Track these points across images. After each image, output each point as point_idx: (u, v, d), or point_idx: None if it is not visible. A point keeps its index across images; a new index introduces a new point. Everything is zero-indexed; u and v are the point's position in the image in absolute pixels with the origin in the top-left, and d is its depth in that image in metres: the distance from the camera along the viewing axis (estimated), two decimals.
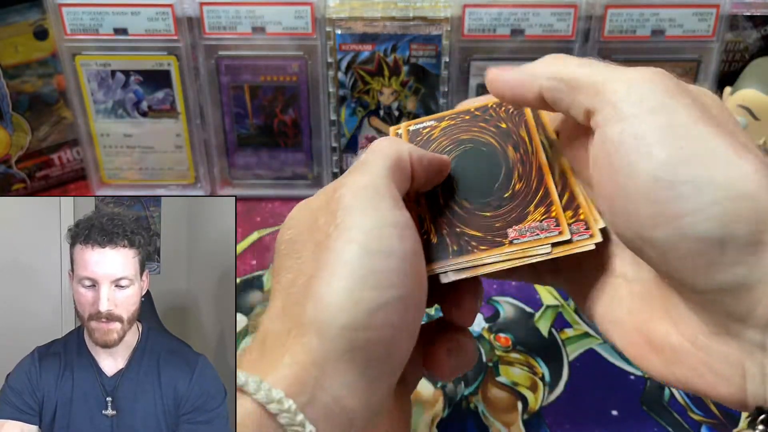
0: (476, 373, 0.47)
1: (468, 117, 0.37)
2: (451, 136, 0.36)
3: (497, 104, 0.37)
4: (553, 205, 0.32)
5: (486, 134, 0.36)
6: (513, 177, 0.34)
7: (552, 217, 0.31)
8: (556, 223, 0.31)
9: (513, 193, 0.33)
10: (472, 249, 0.31)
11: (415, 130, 0.38)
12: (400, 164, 0.30)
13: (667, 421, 0.44)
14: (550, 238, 0.31)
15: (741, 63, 0.62)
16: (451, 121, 0.37)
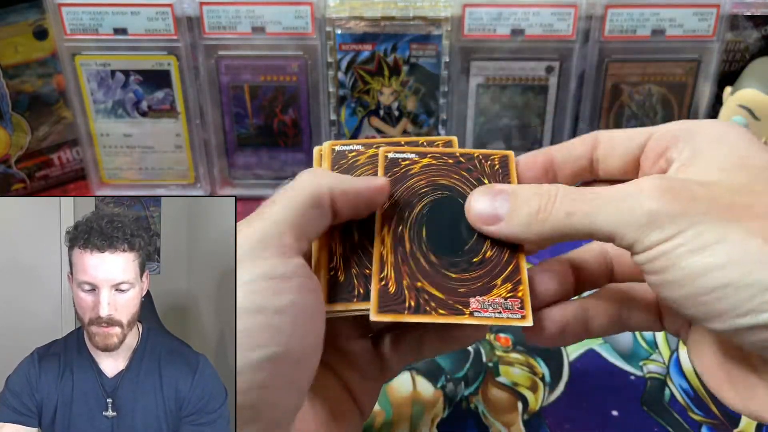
0: (476, 373, 0.47)
1: (451, 161, 0.35)
2: (430, 177, 0.34)
3: (484, 156, 0.35)
4: (521, 284, 0.31)
5: (467, 186, 0.34)
6: (486, 242, 0.32)
7: (518, 297, 0.30)
8: (521, 305, 0.30)
9: (483, 259, 0.32)
10: (431, 311, 0.30)
11: (393, 160, 0.35)
12: (315, 203, 0.29)
13: (667, 421, 0.44)
14: (513, 320, 0.30)
15: (741, 63, 0.62)
16: (432, 160, 0.35)
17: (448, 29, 0.58)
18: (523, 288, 0.31)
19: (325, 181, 0.30)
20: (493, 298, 0.30)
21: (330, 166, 0.36)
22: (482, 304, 0.30)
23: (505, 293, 0.30)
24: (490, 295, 0.30)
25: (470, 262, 0.31)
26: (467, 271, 0.31)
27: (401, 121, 0.62)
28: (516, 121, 0.62)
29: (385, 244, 0.32)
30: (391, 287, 0.31)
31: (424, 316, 0.30)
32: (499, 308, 0.30)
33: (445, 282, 0.31)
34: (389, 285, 0.31)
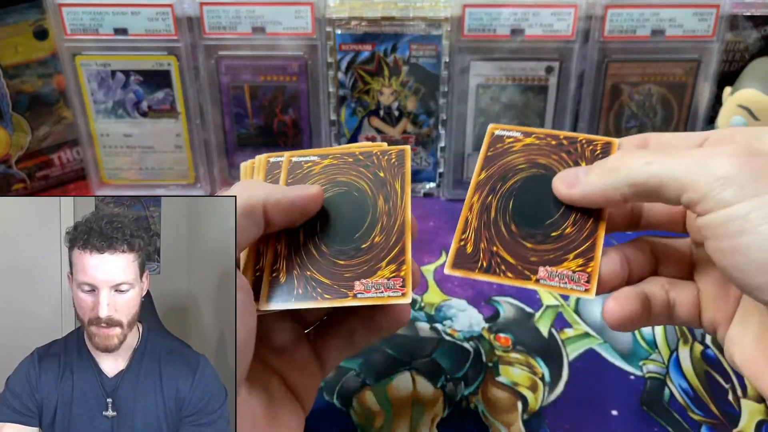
0: (476, 373, 0.47)
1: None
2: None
3: (587, 141, 0.36)
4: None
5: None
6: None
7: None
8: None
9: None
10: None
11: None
12: (245, 212, 0.31)
13: (667, 421, 0.44)
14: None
15: (741, 63, 0.62)
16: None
17: (448, 29, 0.58)
18: (594, 264, 0.32)
19: (258, 192, 0.32)
20: (562, 270, 0.32)
21: (285, 176, 0.37)
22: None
23: (575, 267, 0.32)
24: (560, 266, 0.32)
25: (548, 236, 0.33)
26: (544, 243, 0.33)
27: (401, 121, 0.62)
28: (516, 121, 0.62)
29: (472, 210, 0.34)
30: (468, 247, 0.33)
31: (492, 276, 0.32)
32: (565, 279, 0.32)
33: (520, 250, 0.33)
34: (467, 245, 0.33)
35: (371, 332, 0.36)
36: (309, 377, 0.36)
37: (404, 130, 0.62)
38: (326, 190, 0.36)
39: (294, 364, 0.36)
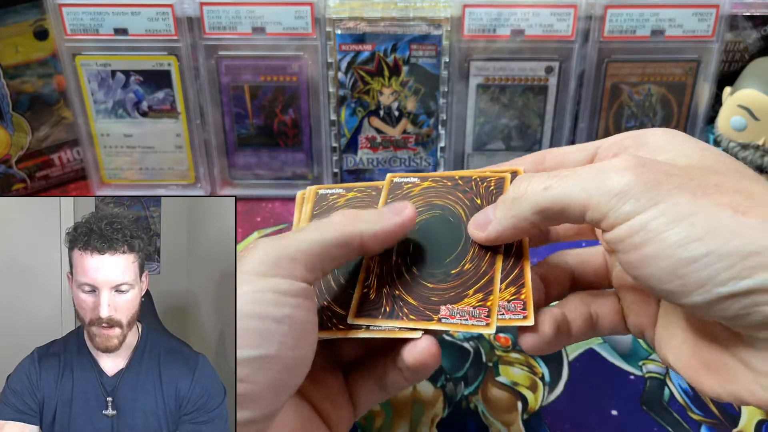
0: (476, 372, 0.47)
1: (450, 183, 0.37)
2: (427, 197, 0.37)
3: (481, 179, 0.37)
4: (491, 294, 0.32)
5: (458, 205, 0.36)
6: (467, 255, 0.34)
7: (486, 306, 0.32)
8: (487, 314, 0.32)
9: (460, 271, 0.33)
10: (402, 316, 0.32)
11: (398, 183, 0.38)
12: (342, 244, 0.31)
13: (666, 421, 0.44)
14: (476, 327, 0.31)
15: (741, 63, 0.62)
16: (433, 183, 0.37)
17: (448, 29, 0.58)
18: (493, 298, 0.32)
19: (359, 225, 0.32)
20: (463, 307, 0.32)
21: (386, 195, 0.38)
22: (451, 311, 0.32)
23: (474, 302, 0.32)
24: (461, 303, 0.32)
25: (448, 274, 0.33)
26: (444, 281, 0.33)
27: (401, 122, 0.62)
28: (516, 121, 0.62)
29: (373, 258, 0.35)
30: (372, 294, 0.33)
31: (395, 320, 0.32)
32: (466, 315, 0.32)
33: (422, 291, 0.33)
34: (370, 292, 0.34)
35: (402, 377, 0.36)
36: (342, 413, 0.36)
37: (404, 130, 0.62)
38: (422, 213, 0.36)
39: (328, 396, 0.36)
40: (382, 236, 0.33)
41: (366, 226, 0.32)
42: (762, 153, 0.56)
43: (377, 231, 0.32)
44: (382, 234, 0.33)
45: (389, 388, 0.36)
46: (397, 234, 0.33)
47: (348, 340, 0.33)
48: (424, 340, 0.32)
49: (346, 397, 0.36)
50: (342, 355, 0.38)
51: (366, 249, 0.33)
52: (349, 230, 0.32)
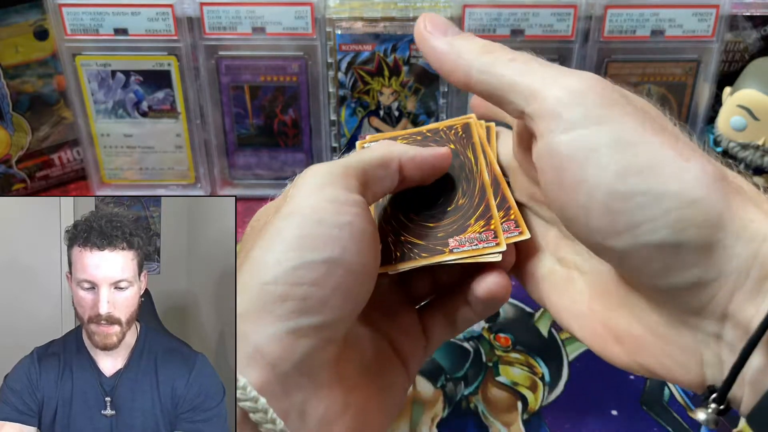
0: (476, 372, 0.47)
1: (420, 138, 0.39)
2: None
3: (447, 127, 0.38)
4: (492, 219, 0.34)
5: None
6: (457, 193, 0.36)
7: (491, 229, 0.33)
8: (494, 235, 0.33)
9: (456, 207, 0.35)
10: (414, 256, 0.34)
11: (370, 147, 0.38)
12: (383, 164, 0.32)
13: (666, 421, 0.44)
14: (488, 248, 0.33)
15: (741, 63, 0.62)
16: (403, 141, 0.38)
17: None
18: (495, 222, 0.34)
19: (396, 149, 0.33)
20: (469, 235, 0.34)
21: None
22: (459, 241, 0.34)
23: (479, 229, 0.34)
24: (466, 233, 0.34)
25: (445, 212, 0.35)
26: (443, 219, 0.35)
27: (401, 122, 0.62)
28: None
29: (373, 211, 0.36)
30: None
31: (410, 262, 0.33)
32: (475, 241, 0.33)
33: (426, 231, 0.35)
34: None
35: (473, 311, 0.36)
36: (414, 347, 0.36)
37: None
38: None
39: (401, 330, 0.36)
40: (419, 161, 0.34)
41: (403, 150, 0.34)
42: (762, 153, 0.56)
43: (414, 155, 0.34)
44: (419, 159, 0.34)
45: (459, 324, 0.36)
46: (433, 164, 0.35)
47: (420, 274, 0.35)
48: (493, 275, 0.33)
49: (419, 333, 0.36)
50: (415, 292, 0.38)
51: (404, 172, 0.33)
52: (387, 153, 0.33)
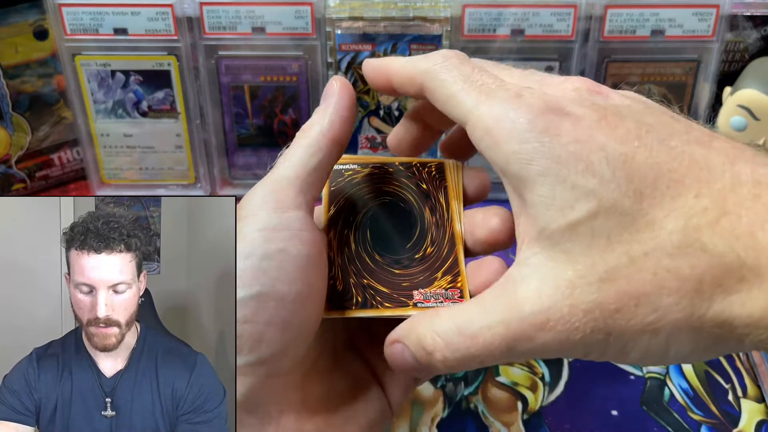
0: (476, 373, 0.47)
1: (392, 170, 0.37)
2: (374, 185, 0.37)
3: (421, 164, 0.37)
4: (459, 276, 0.33)
5: (406, 191, 0.36)
6: (426, 240, 0.34)
7: (457, 287, 0.33)
8: (460, 294, 0.32)
9: (424, 255, 0.34)
10: (377, 305, 0.32)
11: (338, 171, 0.37)
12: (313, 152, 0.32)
13: (666, 421, 0.44)
14: None
15: (741, 63, 0.62)
16: (375, 170, 0.37)
17: (448, 29, 0.58)
18: (462, 279, 0.33)
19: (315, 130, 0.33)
20: (435, 290, 0.32)
21: (328, 182, 0.37)
22: (425, 295, 0.32)
23: (445, 284, 0.33)
24: (432, 287, 0.33)
25: (412, 259, 0.34)
26: (410, 267, 0.33)
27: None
28: None
29: (332, 246, 0.34)
30: (338, 285, 0.33)
31: (370, 310, 0.32)
32: (440, 298, 0.32)
33: (391, 277, 0.33)
34: (337, 283, 0.33)
35: None
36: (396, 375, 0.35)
37: None
38: (372, 200, 0.36)
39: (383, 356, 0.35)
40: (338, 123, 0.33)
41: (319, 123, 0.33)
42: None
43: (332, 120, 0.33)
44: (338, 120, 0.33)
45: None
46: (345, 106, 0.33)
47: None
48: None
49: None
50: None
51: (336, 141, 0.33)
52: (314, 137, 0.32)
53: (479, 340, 0.27)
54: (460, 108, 0.29)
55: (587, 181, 0.25)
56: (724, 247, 0.24)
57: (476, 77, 0.29)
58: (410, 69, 0.32)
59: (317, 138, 0.32)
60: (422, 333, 0.29)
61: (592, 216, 0.25)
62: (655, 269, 0.24)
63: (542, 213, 0.26)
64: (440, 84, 0.30)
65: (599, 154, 0.25)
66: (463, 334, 0.27)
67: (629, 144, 0.26)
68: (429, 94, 0.31)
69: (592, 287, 0.25)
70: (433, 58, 0.31)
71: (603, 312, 0.25)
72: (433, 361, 0.28)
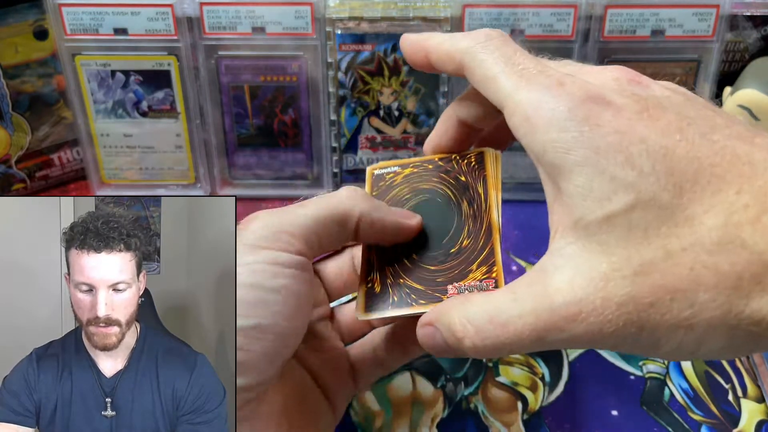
0: (476, 373, 0.47)
1: (431, 167, 0.37)
2: (412, 184, 0.37)
3: (461, 155, 0.37)
4: (495, 265, 0.32)
5: (444, 185, 0.36)
6: (463, 233, 0.34)
7: (492, 277, 0.32)
8: (495, 285, 0.32)
9: (460, 249, 0.33)
10: (411, 303, 0.32)
11: (379, 175, 0.38)
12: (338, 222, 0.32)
13: (667, 421, 0.44)
14: None
15: (741, 63, 0.62)
16: (414, 169, 0.37)
17: (448, 29, 0.58)
18: (497, 269, 0.32)
19: (360, 206, 0.32)
20: (469, 282, 0.32)
21: (370, 189, 0.38)
22: (459, 289, 0.32)
23: (480, 276, 0.32)
24: (466, 279, 0.32)
25: (448, 254, 0.33)
26: (445, 262, 0.33)
27: (401, 122, 0.62)
28: None
29: (371, 251, 0.35)
30: (377, 288, 0.33)
31: (405, 308, 0.32)
32: (474, 290, 0.32)
33: (426, 274, 0.33)
34: (375, 286, 0.34)
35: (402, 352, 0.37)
36: (341, 381, 0.36)
37: (404, 130, 0.62)
38: (409, 200, 0.36)
39: (328, 364, 0.36)
40: (379, 226, 0.33)
41: (366, 209, 0.32)
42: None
43: (375, 219, 0.33)
44: (379, 224, 0.33)
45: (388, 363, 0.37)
46: (393, 232, 0.34)
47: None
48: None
49: (346, 368, 0.37)
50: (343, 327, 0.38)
51: (361, 234, 0.33)
52: (348, 210, 0.32)
53: (510, 328, 0.27)
54: (499, 91, 0.29)
55: (626, 174, 0.25)
56: (764, 244, 0.23)
57: (518, 60, 0.29)
58: (450, 46, 0.32)
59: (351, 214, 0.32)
60: (453, 318, 0.29)
61: (629, 208, 0.25)
62: (693, 264, 0.24)
63: (579, 203, 0.26)
64: (480, 64, 0.30)
65: (639, 147, 0.25)
66: (494, 322, 0.27)
67: (670, 137, 0.25)
68: (468, 73, 0.31)
69: (626, 280, 0.25)
70: (476, 37, 0.31)
71: (637, 306, 0.25)
72: (463, 347, 0.28)
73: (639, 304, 0.25)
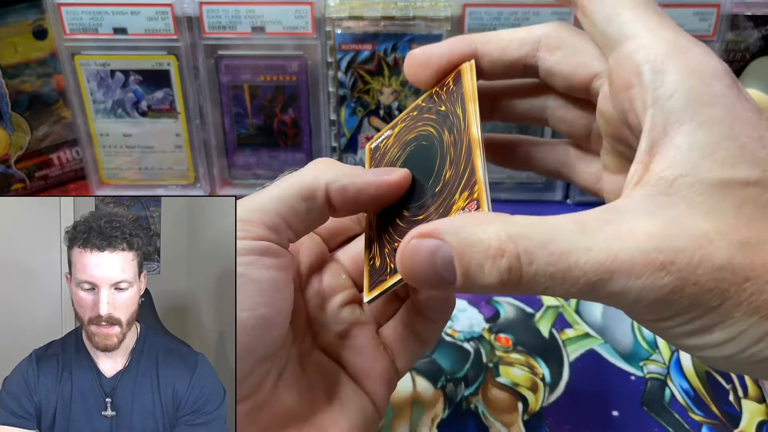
0: (476, 373, 0.47)
1: (416, 113, 0.35)
2: (400, 140, 0.34)
3: (440, 85, 0.34)
4: (476, 184, 0.28)
5: (428, 125, 0.33)
6: (445, 165, 0.30)
7: (474, 198, 0.28)
8: (477, 205, 0.27)
9: (443, 184, 0.30)
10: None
11: (376, 147, 0.36)
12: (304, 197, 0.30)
13: (667, 422, 0.44)
14: None
15: (741, 63, 0.62)
16: (402, 124, 0.35)
17: (448, 29, 0.58)
18: (479, 187, 0.28)
19: (324, 175, 0.30)
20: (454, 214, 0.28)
21: (369, 164, 0.36)
22: None
23: (463, 203, 0.28)
24: (452, 212, 0.29)
25: (433, 194, 0.30)
26: (431, 205, 0.30)
27: None
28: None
29: (372, 226, 0.33)
30: (377, 262, 0.31)
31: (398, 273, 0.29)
32: None
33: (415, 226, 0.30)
34: (376, 260, 0.31)
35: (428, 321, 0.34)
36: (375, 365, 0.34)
37: None
38: (400, 157, 0.33)
39: (357, 350, 0.34)
40: (352, 191, 0.30)
41: (332, 176, 0.30)
42: None
43: (346, 184, 0.30)
44: (352, 189, 0.30)
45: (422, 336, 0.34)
46: (374, 193, 0.30)
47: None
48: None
49: (380, 351, 0.34)
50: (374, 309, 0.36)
51: (336, 204, 0.30)
52: (310, 182, 0.30)
53: (570, 260, 0.23)
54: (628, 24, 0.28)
55: (757, 150, 0.24)
56: None
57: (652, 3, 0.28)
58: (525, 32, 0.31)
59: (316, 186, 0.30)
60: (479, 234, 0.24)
61: (751, 182, 0.23)
62: None
63: (694, 159, 0.24)
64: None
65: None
66: (549, 248, 0.23)
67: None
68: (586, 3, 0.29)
69: (731, 247, 0.23)
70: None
71: (733, 275, 0.23)
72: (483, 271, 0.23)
73: (737, 274, 0.23)
